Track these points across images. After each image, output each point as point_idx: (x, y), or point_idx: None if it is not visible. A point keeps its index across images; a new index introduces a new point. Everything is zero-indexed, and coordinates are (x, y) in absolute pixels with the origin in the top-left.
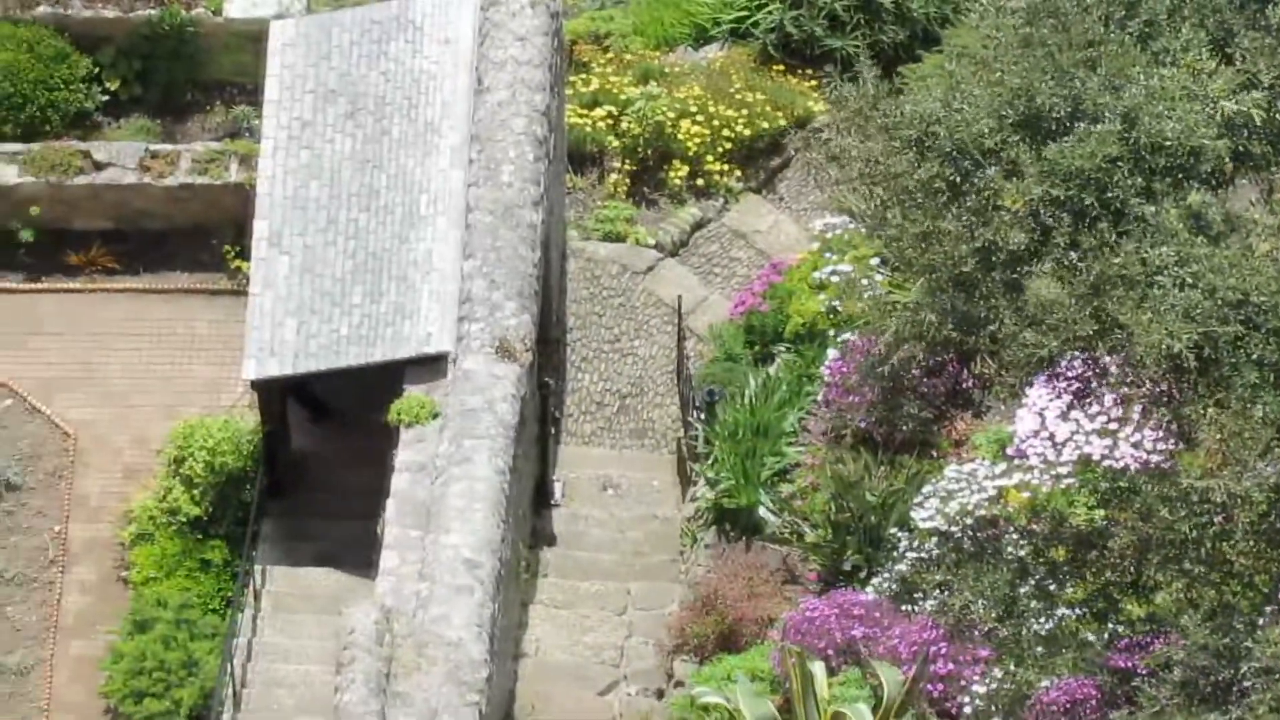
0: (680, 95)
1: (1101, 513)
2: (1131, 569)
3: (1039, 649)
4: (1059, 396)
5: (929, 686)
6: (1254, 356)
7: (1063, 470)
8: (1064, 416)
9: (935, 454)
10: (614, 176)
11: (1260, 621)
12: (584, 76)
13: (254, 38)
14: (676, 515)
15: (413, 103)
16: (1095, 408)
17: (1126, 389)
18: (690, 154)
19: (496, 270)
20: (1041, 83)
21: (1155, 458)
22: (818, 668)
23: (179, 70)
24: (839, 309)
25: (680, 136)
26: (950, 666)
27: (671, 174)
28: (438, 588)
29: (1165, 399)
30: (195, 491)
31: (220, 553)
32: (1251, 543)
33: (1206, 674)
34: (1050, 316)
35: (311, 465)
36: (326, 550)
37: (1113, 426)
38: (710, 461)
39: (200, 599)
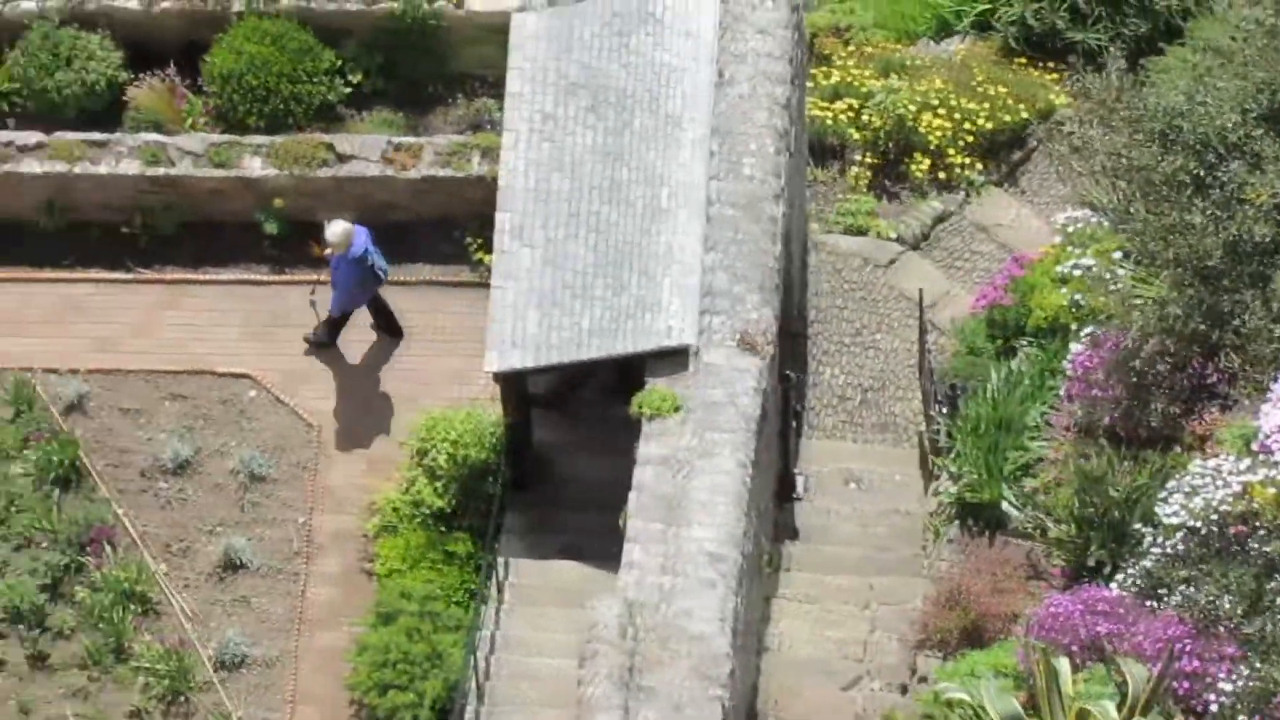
0: (922, 88)
1: None
2: None
3: None
4: None
5: (1175, 684)
6: None
7: None
8: None
9: (1179, 449)
10: (856, 169)
11: None
12: (825, 69)
13: (496, 30)
14: (920, 509)
15: (654, 96)
16: None
17: None
18: (932, 147)
19: (739, 263)
20: None
21: None
22: (1063, 664)
23: (422, 63)
24: (1082, 303)
25: (922, 129)
26: (1196, 664)
27: (913, 167)
28: (681, 581)
29: None
30: (439, 484)
31: (464, 545)
32: None
33: None
34: None
35: (555, 457)
36: (570, 543)
37: None
38: (953, 456)
39: (445, 591)
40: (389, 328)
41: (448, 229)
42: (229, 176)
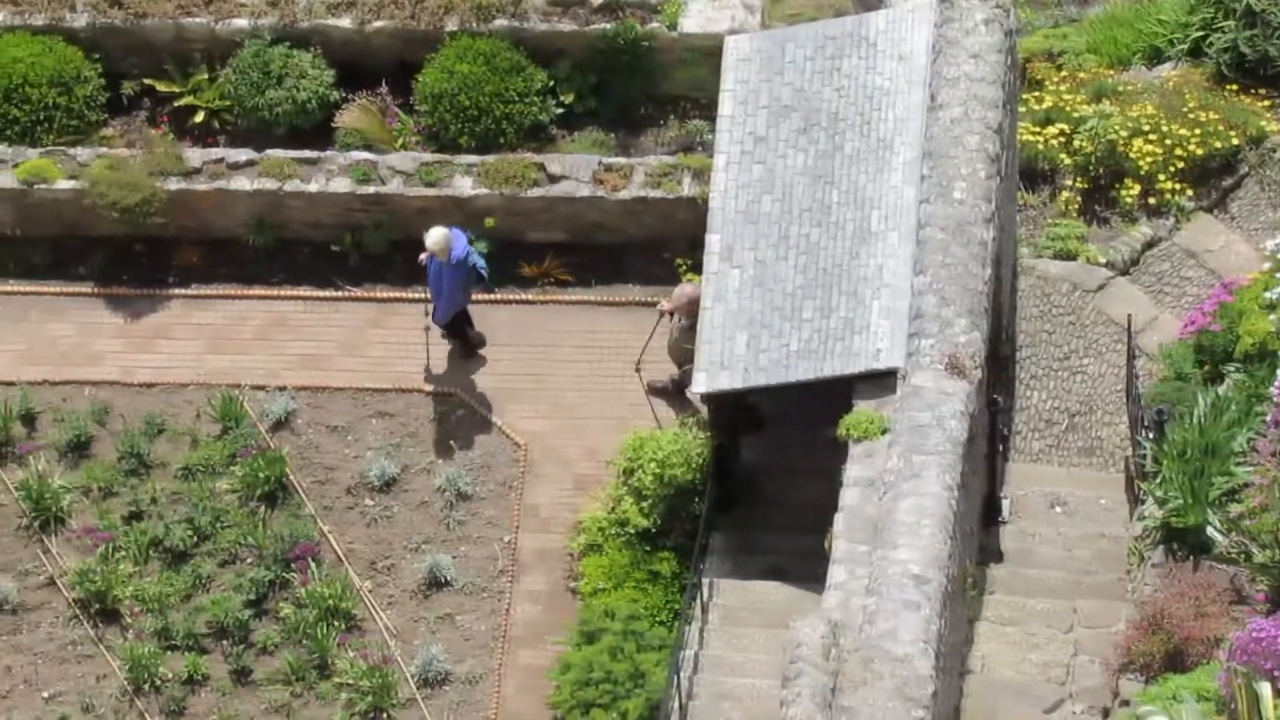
0: (1133, 114)
1: None
2: None
3: None
4: None
5: None
6: None
7: None
8: None
9: None
10: (1066, 194)
11: None
12: (1037, 94)
13: (708, 53)
14: (1124, 534)
15: (866, 119)
16: None
17: None
18: (1142, 172)
19: (948, 287)
20: None
21: None
22: (1264, 689)
23: (634, 84)
24: None
25: (1133, 155)
26: None
27: (1123, 192)
28: (885, 603)
29: None
30: (645, 503)
31: (669, 565)
32: None
33: None
34: None
35: (761, 479)
36: (775, 564)
37: None
38: (1158, 480)
39: (648, 611)
40: (477, 341)
41: (657, 250)
42: (439, 195)
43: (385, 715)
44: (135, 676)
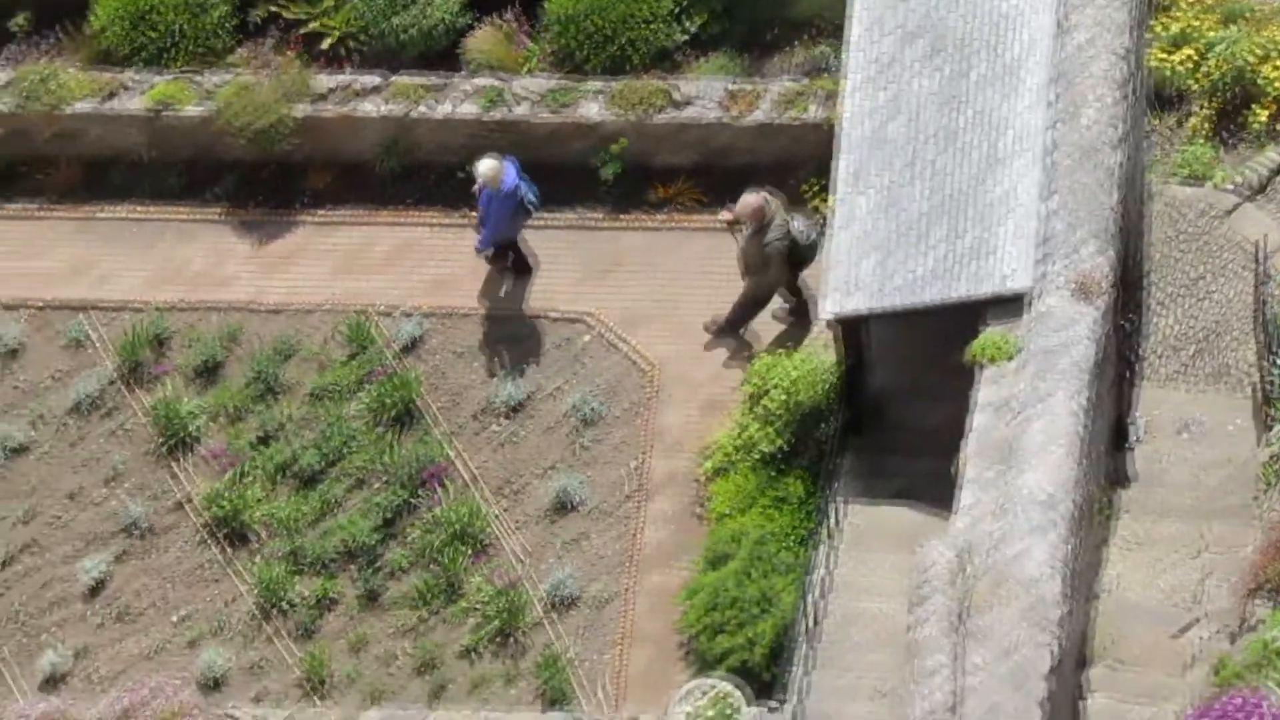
0: (1264, 37)
1: None
2: None
3: None
4: None
5: None
6: None
7: None
8: None
9: None
10: (1194, 119)
11: None
12: (1166, 18)
13: None
14: (1253, 458)
15: (994, 43)
16: None
17: None
18: (1272, 96)
19: (1077, 211)
20: None
21: None
22: None
23: (761, 8)
24: None
25: (1263, 79)
26: None
27: (1253, 117)
28: (1014, 526)
29: None
30: (773, 427)
31: (798, 488)
32: None
33: None
34: None
35: (890, 402)
36: (904, 487)
37: None
38: None
39: (777, 534)
40: (519, 265)
41: (786, 174)
42: (567, 120)
43: (514, 638)
44: (265, 599)
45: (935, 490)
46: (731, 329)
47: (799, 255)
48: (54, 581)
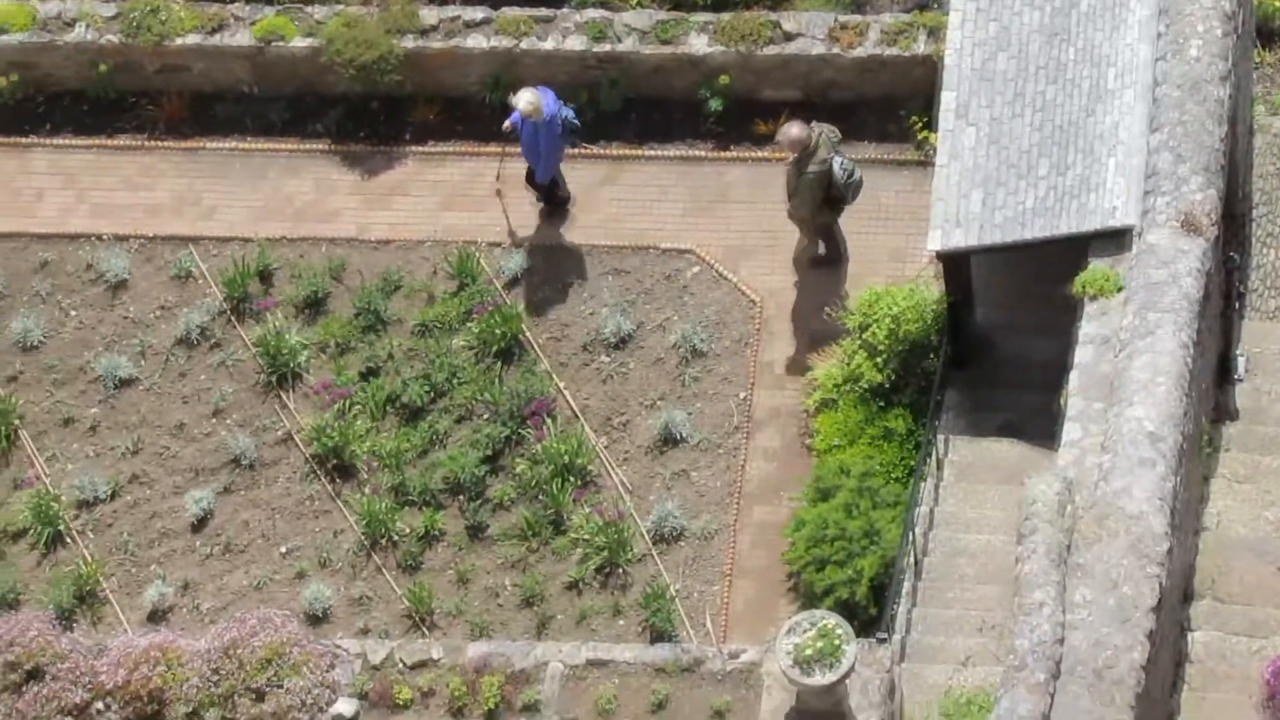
0: None
1: None
2: None
3: None
4: None
5: None
6: None
7: None
8: None
9: None
10: None
11: None
12: None
13: None
14: None
15: None
16: None
17: None
18: None
19: (1183, 145)
20: None
21: None
22: None
23: None
24: None
25: None
26: None
27: None
28: (1119, 460)
29: None
30: (879, 360)
31: (903, 421)
32: None
33: None
34: None
35: (996, 336)
36: (1009, 421)
37: None
38: None
39: (882, 468)
40: (560, 197)
41: (892, 108)
42: (674, 53)
43: (620, 571)
44: (371, 531)
45: (1040, 425)
46: (824, 259)
47: (837, 192)
48: (160, 514)
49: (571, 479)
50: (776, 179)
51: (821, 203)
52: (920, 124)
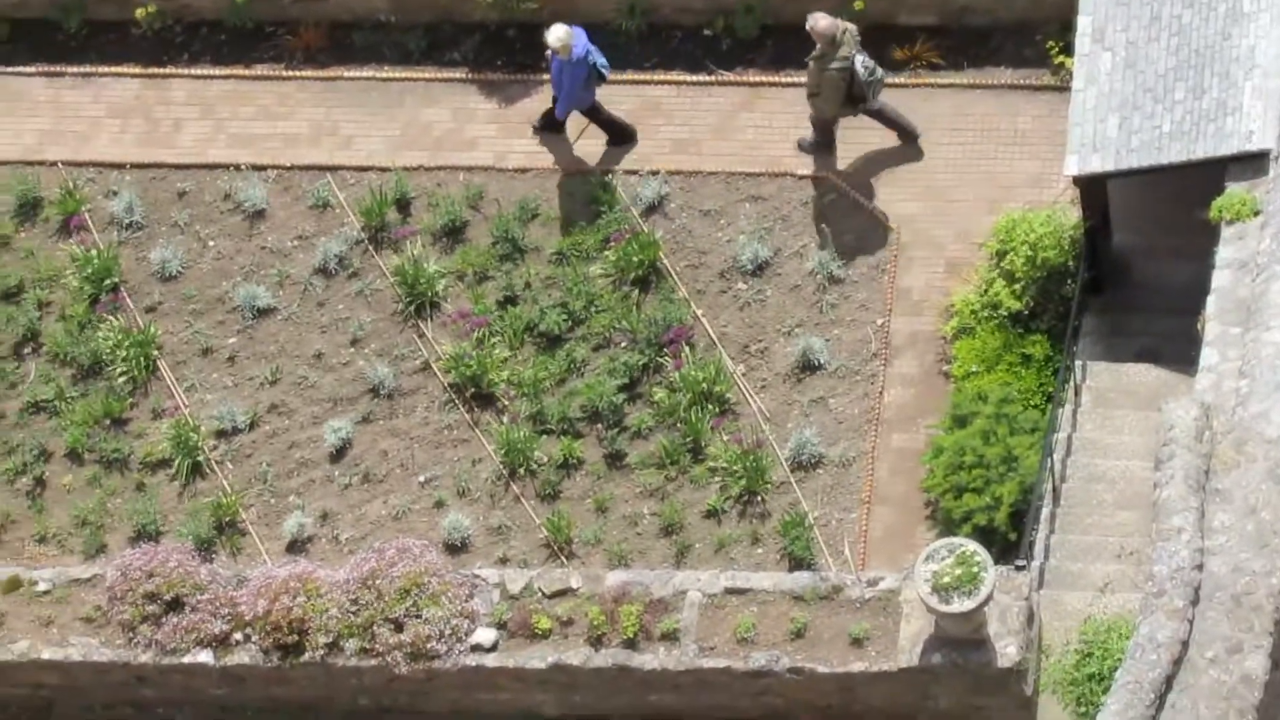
0: None
1: None
2: None
3: None
4: None
5: None
6: None
7: None
8: None
9: None
10: None
11: None
12: None
13: None
14: None
15: None
16: None
17: None
18: None
19: None
20: None
21: None
22: None
23: None
24: None
25: None
26: None
27: None
28: (1257, 385)
29: None
30: (1016, 286)
31: (1041, 348)
32: None
33: None
34: None
35: (1133, 261)
36: (1147, 346)
37: None
38: None
39: (1020, 394)
40: (616, 132)
41: (1028, 33)
42: None
43: (758, 499)
44: (510, 460)
45: (1178, 349)
46: (817, 148)
47: (859, 90)
48: (299, 444)
49: (710, 407)
50: (914, 104)
51: (844, 101)
52: (1056, 49)
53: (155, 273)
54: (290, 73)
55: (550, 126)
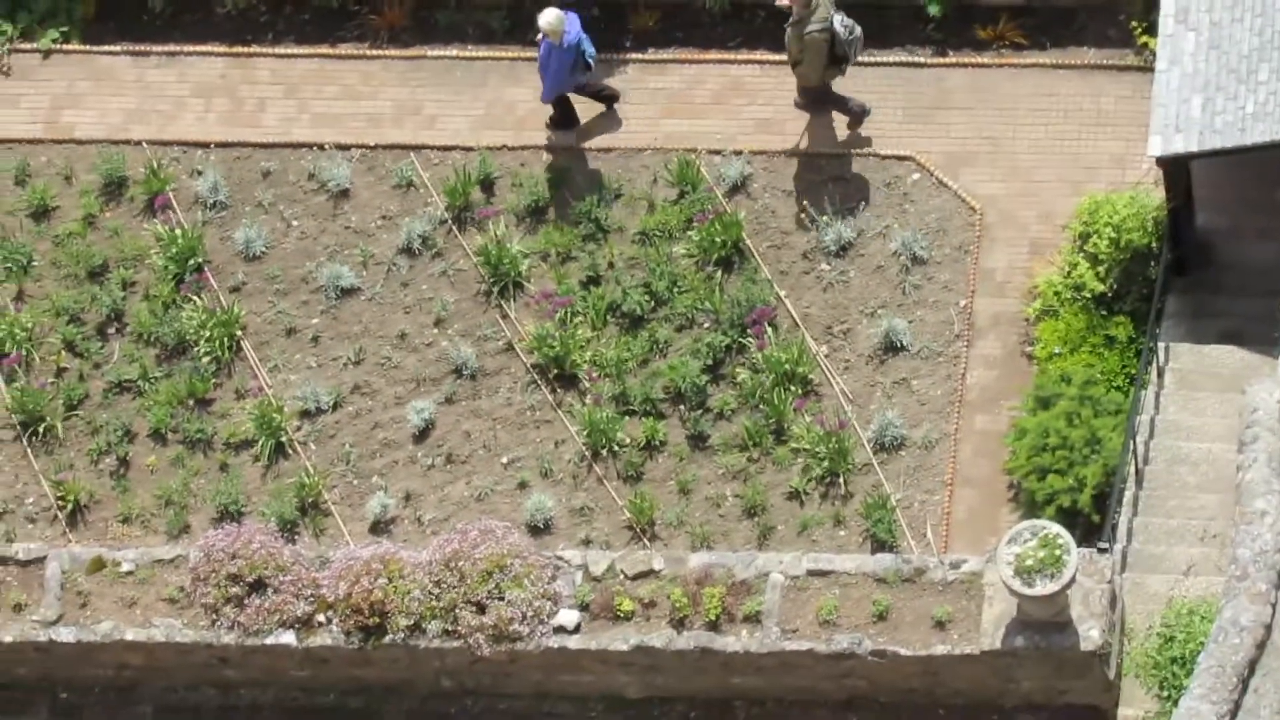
0: None
1: None
2: None
3: None
4: None
5: None
6: None
7: None
8: None
9: None
10: None
11: None
12: None
13: None
14: None
15: None
16: None
17: None
18: None
19: None
20: None
21: None
22: None
23: None
24: None
25: None
26: None
27: None
28: None
29: None
30: (1100, 268)
31: (1124, 329)
32: None
33: None
34: None
35: (1217, 242)
36: (1230, 328)
37: None
38: None
39: (1104, 376)
40: (604, 99)
41: (1112, 13)
42: None
43: (841, 480)
44: (593, 441)
45: (1261, 331)
46: (812, 106)
47: (841, 50)
48: (382, 424)
49: (792, 388)
50: (998, 84)
51: (829, 63)
52: (1140, 29)
53: (239, 253)
54: (374, 52)
55: (558, 123)
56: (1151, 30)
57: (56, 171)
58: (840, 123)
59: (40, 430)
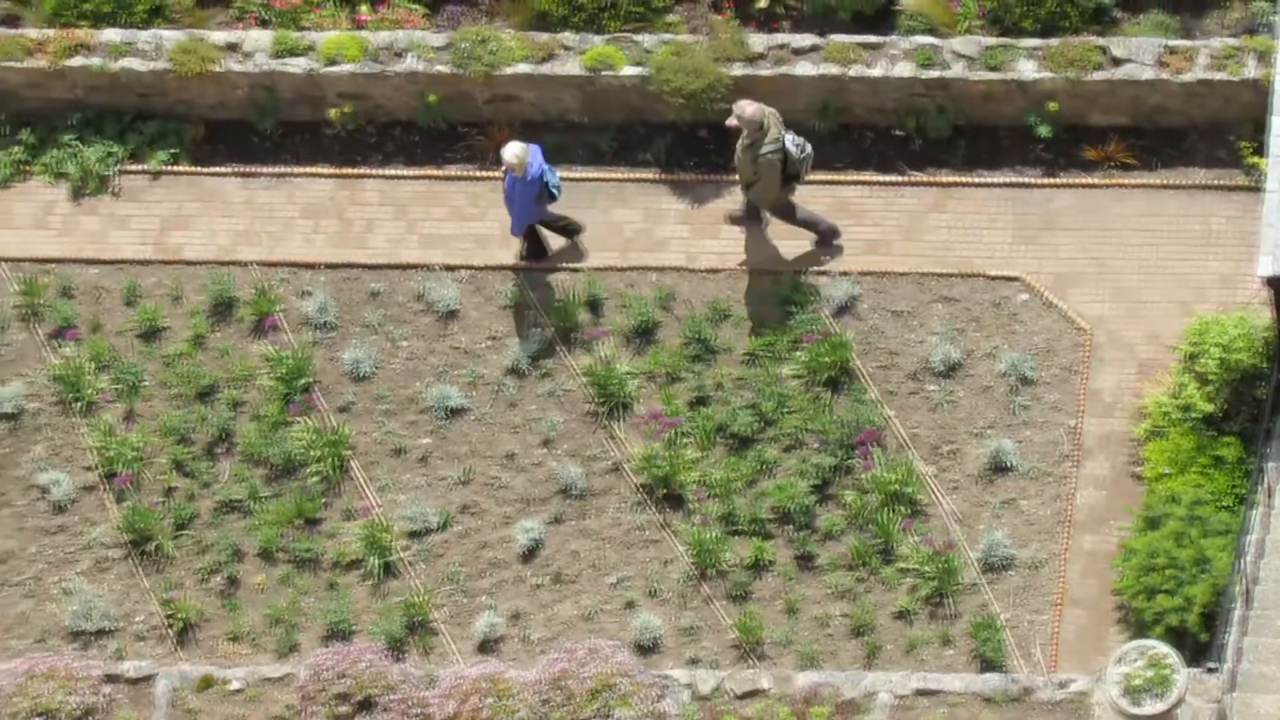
0: None
1: None
2: None
3: None
4: None
5: None
6: None
7: None
8: None
9: None
10: None
11: None
12: None
13: None
14: None
15: None
16: None
17: None
18: None
19: None
20: None
21: None
22: None
23: None
24: None
25: None
26: None
27: None
28: None
29: None
30: (1209, 388)
31: (1233, 450)
32: None
33: None
34: None
35: None
36: None
37: None
38: None
39: (1212, 496)
40: (567, 233)
41: (1220, 133)
42: (1001, 79)
43: (949, 600)
44: (700, 561)
45: None
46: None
47: (793, 169)
48: (490, 544)
49: (900, 508)
50: (1106, 205)
51: (781, 183)
52: (1250, 149)
53: (347, 373)
54: (482, 173)
55: (530, 254)
56: (1260, 151)
57: (165, 292)
58: (949, 244)
59: (150, 549)
